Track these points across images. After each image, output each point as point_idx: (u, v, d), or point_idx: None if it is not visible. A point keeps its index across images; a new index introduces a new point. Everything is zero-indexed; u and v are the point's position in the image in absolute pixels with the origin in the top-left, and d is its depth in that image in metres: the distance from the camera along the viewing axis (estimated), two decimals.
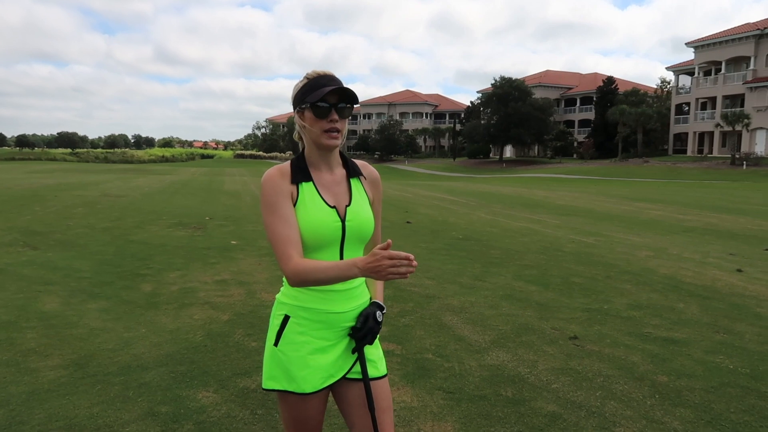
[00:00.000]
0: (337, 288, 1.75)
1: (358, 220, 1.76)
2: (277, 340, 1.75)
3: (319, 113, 1.70)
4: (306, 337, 1.73)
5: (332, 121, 1.71)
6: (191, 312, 5.07)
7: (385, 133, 78.11)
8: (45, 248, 8.12)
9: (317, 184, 1.76)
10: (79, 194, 17.72)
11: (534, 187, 29.83)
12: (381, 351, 1.91)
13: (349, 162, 1.86)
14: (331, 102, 1.70)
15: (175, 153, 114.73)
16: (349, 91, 1.72)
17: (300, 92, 1.74)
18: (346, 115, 1.74)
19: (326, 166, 1.79)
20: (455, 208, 15.63)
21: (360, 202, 1.80)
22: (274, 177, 1.72)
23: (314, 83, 1.72)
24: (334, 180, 1.80)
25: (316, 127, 1.71)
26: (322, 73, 1.74)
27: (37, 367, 3.75)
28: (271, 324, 1.80)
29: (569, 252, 8.44)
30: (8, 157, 77.33)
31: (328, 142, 1.72)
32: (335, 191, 1.78)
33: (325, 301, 1.74)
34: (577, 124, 72.04)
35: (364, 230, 1.78)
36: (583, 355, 4.14)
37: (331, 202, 1.74)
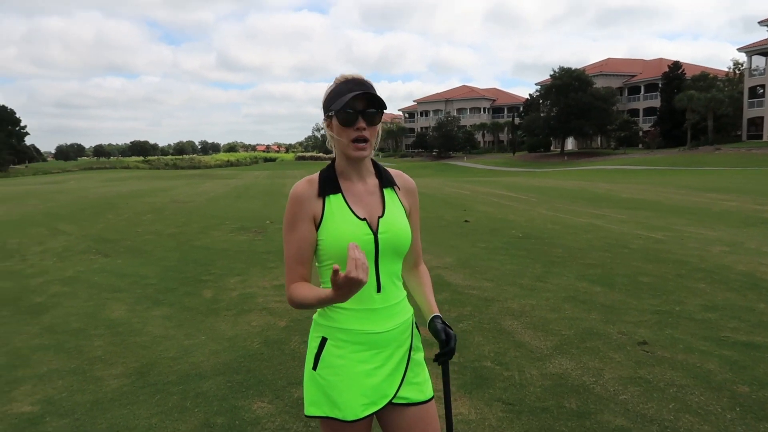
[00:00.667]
0: (377, 306, 1.67)
1: (392, 231, 1.67)
2: (315, 364, 1.67)
3: (344, 121, 1.61)
4: (345, 360, 1.65)
5: (359, 129, 1.61)
6: (249, 318, 5.12)
7: (442, 130, 77.48)
8: (115, 255, 8.46)
9: (347, 195, 1.67)
10: (148, 201, 18.46)
11: (597, 180, 28.82)
12: (427, 371, 1.81)
13: (382, 171, 1.77)
14: (358, 108, 1.61)
15: (240, 157, 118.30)
16: (376, 96, 1.61)
17: (328, 99, 1.66)
18: (375, 121, 1.64)
19: (357, 175, 1.71)
20: (515, 205, 15.26)
21: (394, 213, 1.71)
22: (300, 193, 1.65)
23: (340, 89, 1.63)
24: (367, 190, 1.71)
25: (344, 136, 1.63)
26: (349, 78, 1.65)
27: (101, 376, 3.87)
28: (309, 346, 1.73)
29: (636, 249, 8.03)
30: (87, 166, 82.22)
31: (355, 154, 1.64)
32: (367, 202, 1.69)
33: (363, 320, 1.66)
34: (642, 112, 69.13)
35: (400, 242, 1.69)
36: (654, 362, 3.88)
37: (361, 214, 1.65)
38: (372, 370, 1.67)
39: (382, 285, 1.67)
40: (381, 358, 1.68)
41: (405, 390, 1.71)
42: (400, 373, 1.71)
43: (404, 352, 1.73)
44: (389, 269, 1.69)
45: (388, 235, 1.66)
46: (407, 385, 1.72)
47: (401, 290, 1.76)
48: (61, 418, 3.26)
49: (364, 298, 1.66)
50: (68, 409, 3.37)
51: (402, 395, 1.70)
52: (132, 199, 19.17)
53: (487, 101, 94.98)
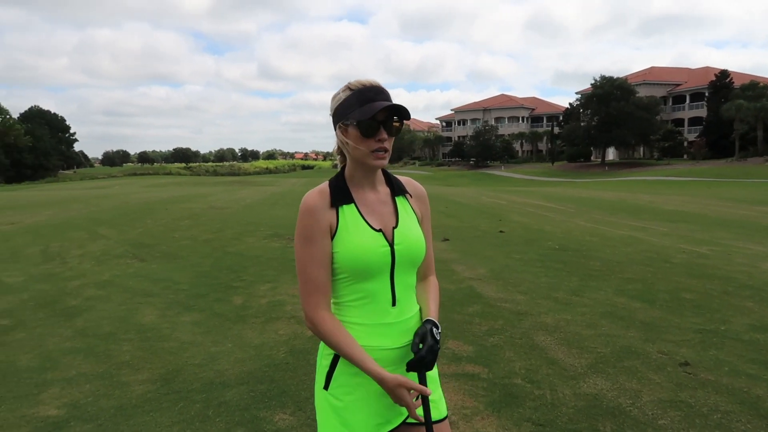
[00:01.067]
0: (389, 320, 1.58)
1: (407, 242, 1.58)
2: (327, 383, 1.59)
3: (366, 132, 1.52)
4: (359, 378, 1.56)
5: (381, 140, 1.53)
6: (277, 326, 5.08)
7: (480, 139, 76.87)
8: (150, 260, 8.58)
9: (360, 205, 1.59)
10: (186, 207, 18.78)
11: (638, 191, 28.05)
12: (441, 390, 1.70)
13: (392, 179, 1.69)
14: (380, 119, 1.52)
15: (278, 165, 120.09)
16: (400, 108, 1.53)
17: (342, 106, 1.57)
18: (395, 133, 1.56)
19: (369, 184, 1.63)
20: (552, 216, 14.93)
21: (408, 223, 1.62)
22: (313, 204, 1.56)
23: (360, 96, 1.53)
24: (379, 199, 1.63)
25: (363, 146, 1.54)
26: (367, 85, 1.55)
27: (128, 381, 3.87)
28: (319, 365, 1.65)
29: (679, 263, 7.70)
30: (131, 172, 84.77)
31: (375, 163, 1.56)
32: (380, 212, 1.60)
33: (377, 336, 1.57)
34: (687, 122, 67.18)
35: (415, 253, 1.60)
36: (696, 385, 3.66)
37: (376, 225, 1.57)
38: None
39: (398, 298, 1.59)
40: None
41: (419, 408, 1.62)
42: None
43: None
44: (405, 281, 1.60)
45: (403, 246, 1.58)
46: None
47: (416, 303, 1.68)
48: (84, 423, 3.26)
49: (379, 313, 1.57)
50: (93, 414, 3.37)
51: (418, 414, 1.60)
52: (171, 205, 19.55)
53: (525, 110, 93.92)
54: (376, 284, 1.56)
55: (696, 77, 69.59)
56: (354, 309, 1.58)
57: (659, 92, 68.19)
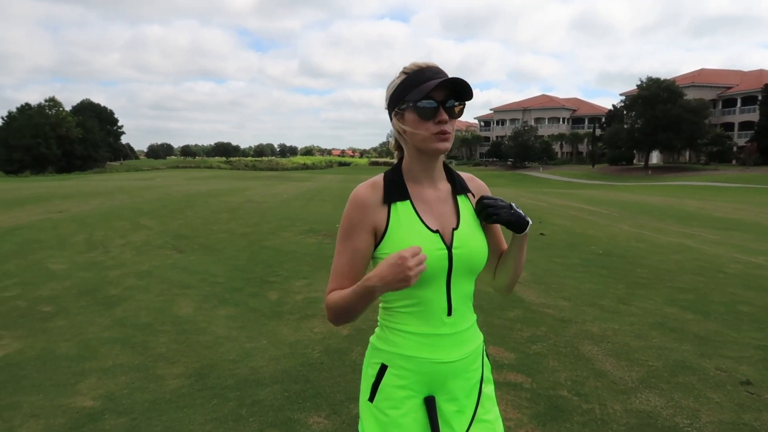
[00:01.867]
0: (444, 331, 1.43)
1: (468, 247, 1.43)
2: (372, 395, 1.45)
3: (424, 114, 1.37)
4: (407, 392, 1.42)
5: (440, 122, 1.38)
6: (312, 324, 4.98)
7: (518, 140, 75.79)
8: (189, 252, 8.63)
9: (416, 202, 1.44)
10: (225, 200, 18.98)
11: (685, 196, 27.12)
12: (498, 410, 1.55)
13: (455, 175, 1.53)
14: (438, 99, 1.37)
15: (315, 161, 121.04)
16: (461, 84, 1.36)
17: (397, 91, 1.42)
18: (457, 114, 1.41)
19: (429, 179, 1.48)
20: (595, 219, 14.50)
21: (470, 225, 1.47)
22: (362, 198, 1.44)
23: (415, 78, 1.39)
24: (439, 197, 1.48)
25: (421, 129, 1.39)
26: (424, 66, 1.41)
27: (163, 374, 3.82)
28: (365, 374, 1.51)
29: (733, 274, 7.31)
30: (173, 165, 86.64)
31: (437, 146, 1.40)
32: (440, 211, 1.45)
33: (430, 347, 1.42)
34: (737, 126, 64.74)
35: (475, 259, 1.44)
36: (761, 406, 3.40)
37: (433, 226, 1.42)
38: (438, 404, 1.44)
39: (454, 308, 1.44)
40: (448, 392, 1.44)
41: (476, 429, 1.47)
42: (470, 409, 1.47)
43: (474, 385, 1.49)
44: (462, 290, 1.45)
45: (463, 250, 1.42)
46: (478, 422, 1.48)
47: (473, 313, 1.52)
48: (119, 416, 3.21)
49: (433, 322, 1.43)
50: (127, 407, 3.33)
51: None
52: (211, 198, 19.79)
53: (566, 111, 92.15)
54: (430, 291, 1.41)
55: (748, 80, 67.00)
56: (405, 316, 1.44)
57: (709, 95, 65.93)
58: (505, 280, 1.57)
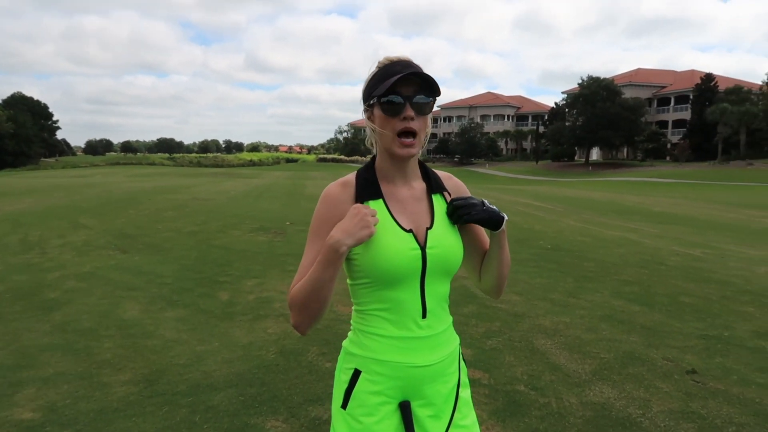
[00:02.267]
0: (419, 334, 1.38)
1: (442, 246, 1.39)
2: (345, 402, 1.39)
3: (389, 110, 1.33)
4: (382, 397, 1.37)
5: (406, 118, 1.33)
6: (265, 325, 4.87)
7: (465, 136, 76.93)
8: (133, 252, 8.30)
9: (389, 201, 1.40)
10: (170, 197, 18.41)
11: (625, 191, 28.17)
12: (475, 414, 1.52)
13: (430, 173, 1.49)
14: (405, 94, 1.33)
15: (262, 157, 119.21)
16: (426, 78, 1.32)
17: (368, 85, 1.39)
18: (424, 111, 1.36)
19: (402, 178, 1.43)
20: (541, 215, 14.85)
21: (445, 224, 1.43)
22: (333, 196, 1.40)
23: (385, 72, 1.35)
24: (413, 196, 1.43)
25: (387, 128, 1.35)
26: (395, 59, 1.36)
27: (109, 382, 3.64)
28: (337, 380, 1.45)
29: (674, 266, 7.62)
30: (113, 162, 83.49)
31: (400, 152, 1.36)
32: (413, 210, 1.41)
33: (404, 351, 1.37)
34: (671, 124, 67.80)
35: (450, 260, 1.40)
36: (707, 394, 3.53)
37: (407, 225, 1.38)
38: (414, 409, 1.39)
39: (429, 310, 1.40)
40: (424, 396, 1.40)
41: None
42: (447, 414, 1.43)
43: (451, 389, 1.45)
44: (437, 291, 1.41)
45: (437, 250, 1.38)
46: (455, 428, 1.44)
47: (449, 315, 1.49)
48: (62, 428, 3.02)
49: (407, 324, 1.38)
50: (70, 418, 3.14)
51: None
52: (155, 196, 19.15)
53: (511, 108, 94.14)
54: (404, 292, 1.37)
55: (681, 80, 70.22)
56: (378, 319, 1.39)
57: (645, 94, 68.70)
58: (491, 281, 1.52)
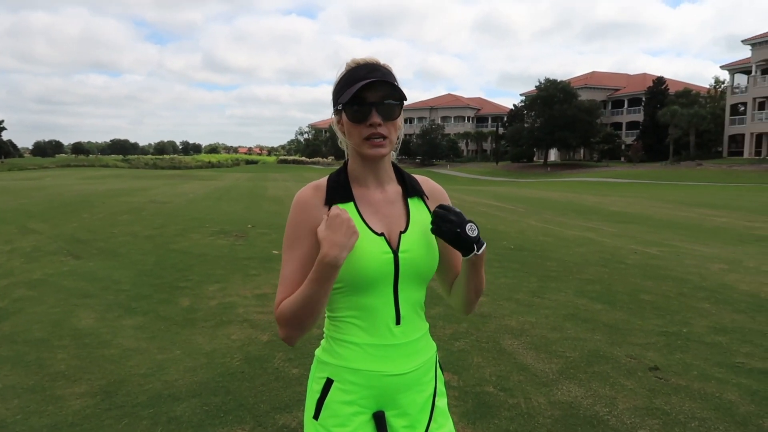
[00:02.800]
0: (393, 342, 1.34)
1: (416, 251, 1.34)
2: (317, 412, 1.34)
3: (354, 117, 1.30)
4: (355, 408, 1.32)
5: (373, 124, 1.29)
6: (229, 331, 4.74)
7: (426, 138, 77.42)
8: (87, 257, 8.00)
9: (361, 205, 1.36)
10: (126, 200, 17.89)
11: (583, 192, 28.82)
12: (452, 422, 1.48)
13: (406, 177, 1.45)
14: (370, 100, 1.29)
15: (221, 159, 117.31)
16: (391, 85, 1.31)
17: (336, 89, 1.36)
18: (392, 116, 1.33)
19: (375, 181, 1.39)
20: (503, 215, 15.03)
21: (421, 228, 1.38)
22: (304, 201, 1.34)
23: (350, 77, 1.32)
24: (386, 199, 1.39)
25: (355, 133, 1.32)
26: (361, 62, 1.33)
27: (63, 395, 3.46)
28: (309, 389, 1.39)
29: (633, 264, 7.79)
30: (64, 164, 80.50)
31: (370, 152, 1.32)
32: (386, 213, 1.37)
33: (378, 359, 1.32)
34: (625, 126, 69.76)
35: (423, 265, 1.36)
36: (670, 390, 3.59)
37: (378, 229, 1.33)
38: (388, 420, 1.34)
39: (402, 316, 1.35)
40: (399, 406, 1.35)
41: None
42: (422, 424, 1.39)
43: (427, 399, 1.40)
44: (411, 297, 1.36)
45: (410, 254, 1.33)
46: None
47: (424, 322, 1.44)
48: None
49: (380, 332, 1.33)
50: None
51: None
52: (109, 199, 18.58)
53: (471, 110, 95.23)
54: (377, 298, 1.32)
55: (634, 83, 72.37)
56: (351, 326, 1.34)
57: (600, 96, 70.49)
58: (458, 301, 1.47)
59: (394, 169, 1.45)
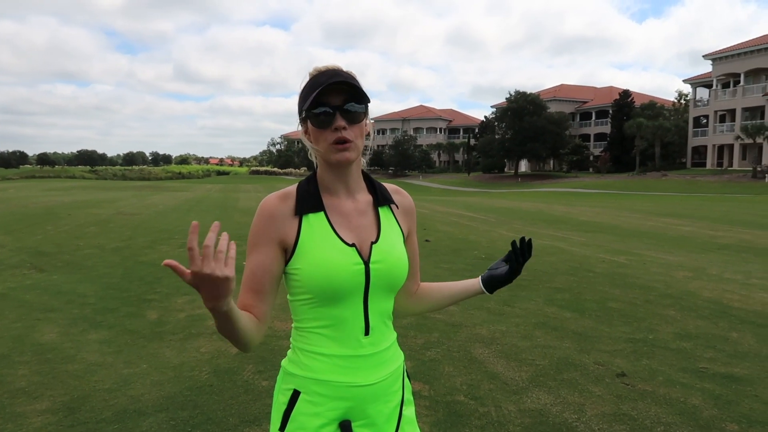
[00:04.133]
0: (361, 352, 1.33)
1: (388, 261, 1.34)
2: (283, 425, 1.32)
3: (318, 122, 1.29)
4: (322, 419, 1.30)
5: (338, 129, 1.28)
6: (198, 344, 4.66)
7: (399, 149, 77.83)
8: (51, 270, 7.80)
9: (331, 214, 1.34)
10: (93, 212, 17.52)
11: (552, 202, 29.24)
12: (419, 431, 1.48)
13: (376, 186, 1.45)
14: (333, 104, 1.28)
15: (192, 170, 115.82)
16: (352, 86, 1.29)
17: (300, 97, 1.35)
18: (356, 119, 1.31)
19: (345, 190, 1.38)
20: (475, 225, 15.15)
21: (391, 238, 1.38)
22: (270, 209, 1.32)
23: (312, 84, 1.31)
24: (357, 208, 1.38)
25: (321, 139, 1.31)
26: (323, 69, 1.32)
27: (23, 412, 3.36)
28: (276, 401, 1.37)
29: (601, 273, 7.93)
30: (28, 175, 78.42)
31: (336, 157, 1.30)
32: (357, 224, 1.36)
33: (346, 370, 1.31)
34: (593, 137, 71.26)
35: (395, 275, 1.36)
36: (636, 396, 3.66)
37: (349, 239, 1.32)
38: (354, 430, 1.33)
39: (372, 327, 1.35)
40: (366, 416, 1.34)
41: None
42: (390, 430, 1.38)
43: (394, 408, 1.40)
44: (380, 307, 1.36)
45: (382, 265, 1.33)
46: None
47: (392, 331, 1.44)
48: None
49: (349, 342, 1.33)
50: None
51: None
52: (75, 210, 18.16)
53: (443, 122, 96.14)
54: (346, 309, 1.31)
55: (601, 96, 74.04)
56: (319, 337, 1.33)
57: (568, 108, 71.91)
58: (424, 307, 1.56)
59: (365, 177, 1.45)
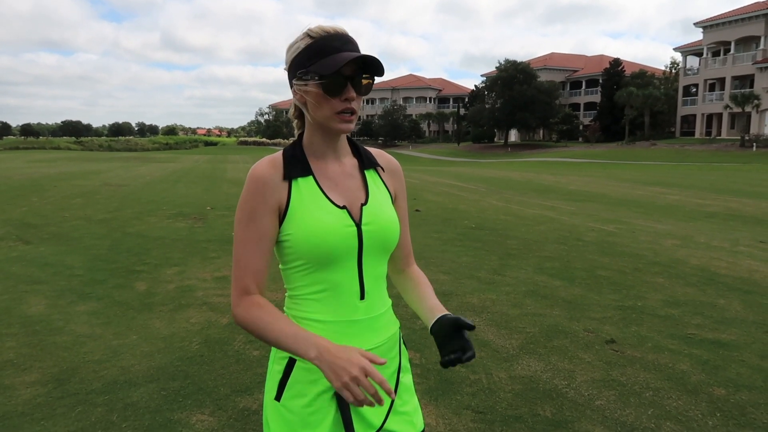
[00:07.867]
0: (357, 317, 1.31)
1: (378, 222, 1.31)
2: (279, 393, 1.29)
3: (331, 90, 1.23)
4: (319, 387, 1.28)
5: (348, 99, 1.24)
6: (188, 314, 4.64)
7: (388, 119, 77.30)
8: (38, 242, 7.71)
9: (320, 178, 1.31)
10: (79, 183, 17.31)
11: (542, 171, 29.28)
12: (416, 398, 1.47)
13: (361, 149, 1.41)
14: (347, 74, 1.23)
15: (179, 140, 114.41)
16: (372, 60, 1.24)
17: (300, 57, 1.26)
18: (365, 91, 1.28)
19: (333, 154, 1.34)
20: (465, 195, 15.15)
21: (380, 200, 1.36)
22: (261, 176, 1.27)
23: (323, 45, 1.23)
24: (344, 172, 1.35)
25: (326, 106, 1.25)
26: (332, 32, 1.25)
27: (12, 384, 3.33)
28: (270, 370, 1.34)
29: (590, 241, 7.97)
30: (12, 146, 77.20)
31: (339, 127, 1.27)
32: (346, 186, 1.33)
33: (342, 335, 1.29)
34: (583, 107, 71.05)
35: (387, 236, 1.33)
36: (625, 362, 3.69)
37: (340, 202, 1.29)
38: None
39: (367, 291, 1.32)
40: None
41: (392, 421, 1.37)
42: (386, 400, 1.36)
43: (391, 375, 1.39)
44: (375, 271, 1.34)
45: (373, 227, 1.30)
46: (395, 415, 1.38)
47: (387, 297, 1.41)
48: None
49: (345, 307, 1.30)
50: None
51: (389, 428, 1.35)
52: (60, 182, 17.93)
53: (433, 91, 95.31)
54: (340, 273, 1.28)
55: (592, 64, 73.55)
56: (314, 303, 1.30)
57: (558, 77, 71.46)
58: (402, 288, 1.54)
59: (349, 142, 1.41)
